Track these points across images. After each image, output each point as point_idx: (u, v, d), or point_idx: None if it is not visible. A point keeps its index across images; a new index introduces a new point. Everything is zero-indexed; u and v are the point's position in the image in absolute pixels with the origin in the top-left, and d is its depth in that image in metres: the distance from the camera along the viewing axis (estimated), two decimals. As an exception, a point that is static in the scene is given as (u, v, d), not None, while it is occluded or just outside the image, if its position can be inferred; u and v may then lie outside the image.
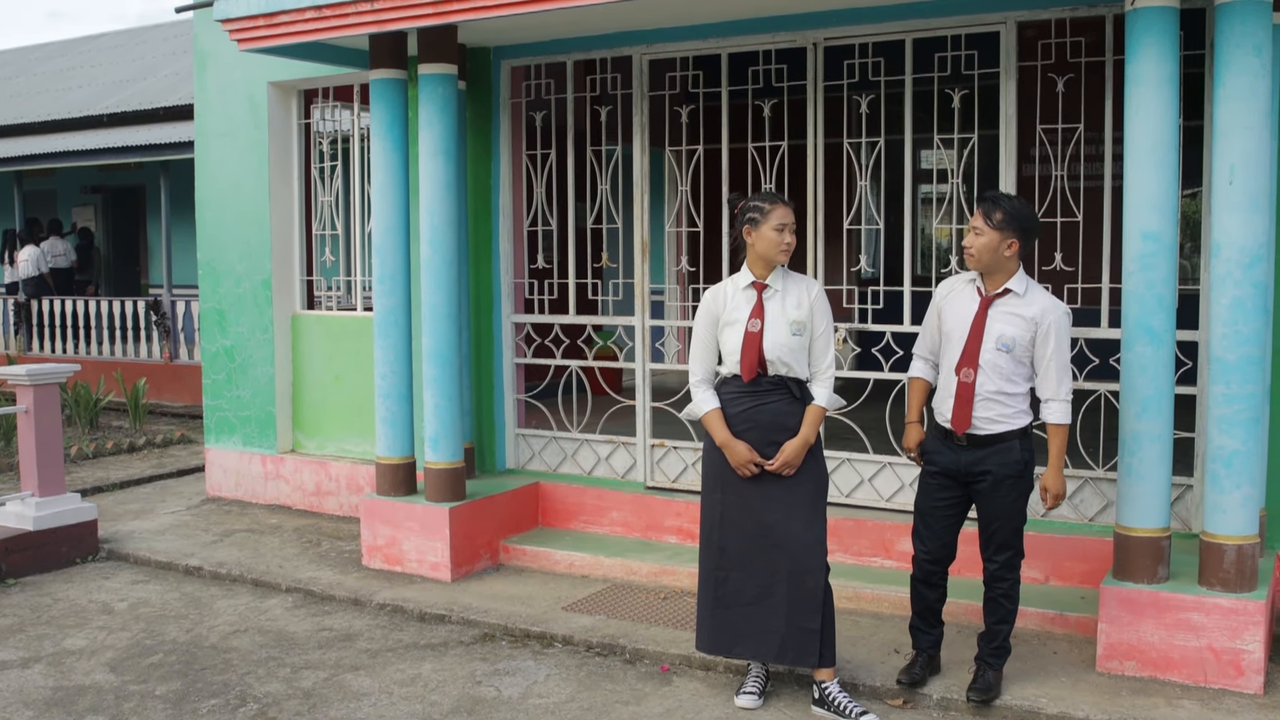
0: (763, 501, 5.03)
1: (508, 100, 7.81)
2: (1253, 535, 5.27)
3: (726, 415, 5.05)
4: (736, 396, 5.06)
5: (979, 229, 4.93)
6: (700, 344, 5.15)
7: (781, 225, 4.95)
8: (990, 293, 4.98)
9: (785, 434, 5.00)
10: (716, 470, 5.12)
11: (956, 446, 5.02)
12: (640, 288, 7.46)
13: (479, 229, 7.80)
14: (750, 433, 5.02)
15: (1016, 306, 4.95)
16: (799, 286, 5.08)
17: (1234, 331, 5.18)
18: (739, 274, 5.12)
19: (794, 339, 4.99)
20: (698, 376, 5.15)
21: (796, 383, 5.05)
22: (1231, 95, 5.12)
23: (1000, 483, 4.98)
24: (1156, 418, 5.33)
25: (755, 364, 4.99)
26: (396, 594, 6.67)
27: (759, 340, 4.98)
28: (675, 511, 7.29)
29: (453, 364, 7.04)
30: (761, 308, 5.01)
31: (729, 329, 5.05)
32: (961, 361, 4.98)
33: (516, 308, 7.97)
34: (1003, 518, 5.01)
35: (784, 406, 5.02)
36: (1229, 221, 5.16)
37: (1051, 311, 4.94)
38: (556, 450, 7.88)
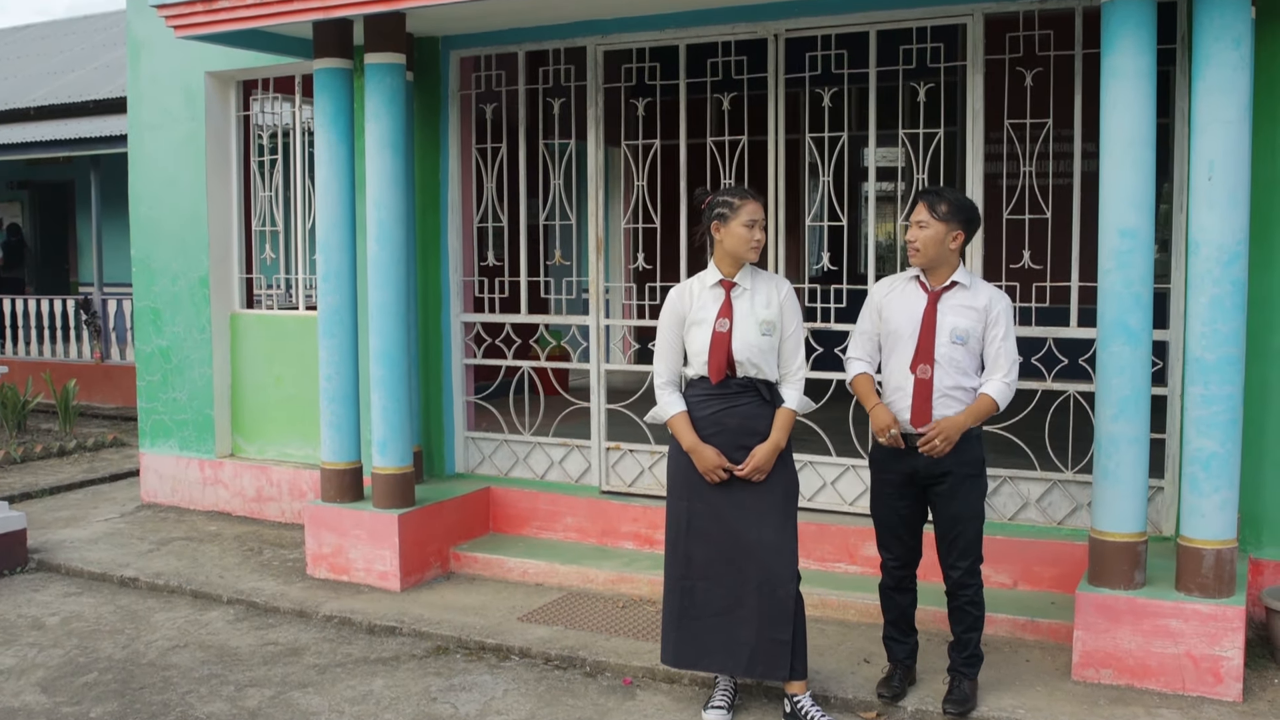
0: (732, 509, 4.83)
1: (456, 92, 7.55)
2: (1231, 539, 5.15)
3: (693, 419, 4.85)
4: (704, 399, 4.85)
5: (924, 222, 4.79)
6: (665, 344, 4.94)
7: (752, 221, 4.75)
8: (937, 287, 4.84)
9: (755, 438, 4.80)
10: (683, 476, 4.91)
11: (913, 451, 4.84)
12: (595, 286, 7.23)
13: (426, 225, 7.53)
14: (718, 437, 4.81)
15: (965, 299, 4.82)
16: (768, 285, 4.89)
17: (1212, 331, 5.06)
18: (705, 272, 4.92)
19: (764, 339, 4.80)
20: (663, 378, 4.94)
21: (766, 385, 4.85)
22: (1211, 89, 4.99)
23: (962, 482, 4.83)
24: (1134, 419, 5.20)
25: (724, 365, 4.79)
26: (344, 605, 6.39)
27: (728, 340, 4.78)
28: (632, 516, 7.08)
29: (401, 365, 6.78)
30: (730, 307, 4.81)
31: (696, 329, 4.84)
32: (917, 358, 4.81)
33: (466, 306, 7.72)
34: (966, 519, 4.85)
35: (753, 409, 4.83)
36: (1207, 218, 5.04)
37: (999, 300, 4.84)
38: (508, 454, 7.64)
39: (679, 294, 4.92)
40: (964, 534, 4.86)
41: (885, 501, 4.99)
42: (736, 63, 6.80)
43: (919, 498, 4.96)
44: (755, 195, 4.81)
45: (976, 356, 4.83)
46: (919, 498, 4.96)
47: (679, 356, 4.93)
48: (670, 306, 4.91)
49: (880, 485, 5.01)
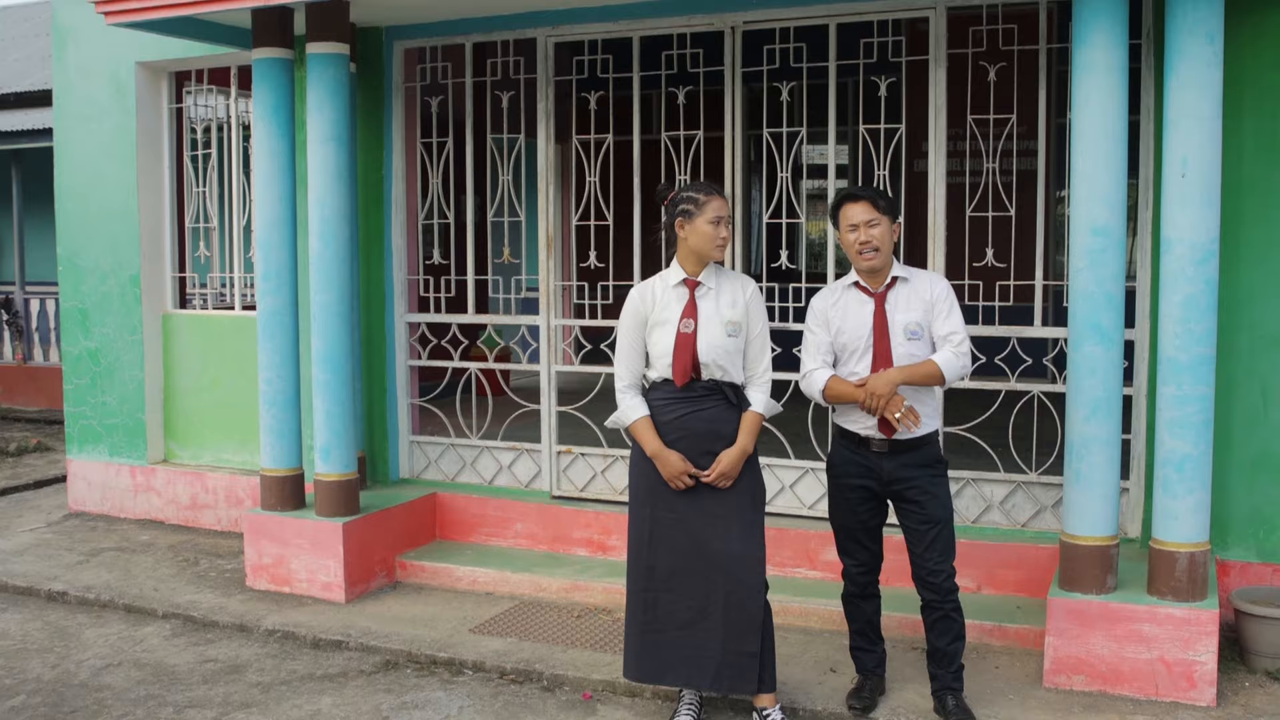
0: (697, 516, 4.65)
1: (400, 84, 7.30)
2: (1204, 542, 5.07)
3: (657, 423, 4.66)
4: (668, 403, 4.67)
5: (875, 219, 4.63)
6: (627, 346, 4.74)
7: (717, 218, 4.57)
8: (879, 288, 4.70)
9: (721, 443, 4.63)
10: (645, 483, 4.72)
11: (874, 454, 4.70)
12: (545, 285, 7.02)
13: (369, 222, 7.27)
14: (683, 442, 4.63)
15: (909, 292, 4.70)
16: (733, 284, 4.71)
17: (1186, 330, 4.97)
18: (668, 270, 4.73)
19: (729, 340, 4.63)
20: (624, 381, 4.75)
21: (732, 387, 4.68)
22: (1184, 84, 4.90)
23: (933, 484, 4.70)
24: (1106, 421, 5.10)
25: (689, 367, 4.61)
26: (287, 618, 6.12)
27: (693, 342, 4.60)
28: (584, 522, 6.88)
29: (345, 368, 6.52)
30: (694, 307, 4.63)
31: (659, 330, 4.66)
32: (875, 364, 4.66)
33: (410, 306, 7.46)
34: (943, 520, 4.70)
35: (719, 413, 4.65)
36: (1180, 216, 4.95)
37: (938, 282, 4.75)
38: (454, 458, 7.40)
39: (640, 294, 4.73)
40: (942, 535, 4.71)
41: (846, 507, 4.84)
42: (693, 56, 6.63)
43: (881, 502, 4.81)
44: (720, 191, 4.64)
45: (929, 347, 4.70)
46: (881, 502, 4.81)
47: (641, 358, 4.75)
48: (631, 307, 4.72)
49: (840, 491, 4.85)
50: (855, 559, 4.90)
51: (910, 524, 4.75)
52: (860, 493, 4.78)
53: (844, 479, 4.81)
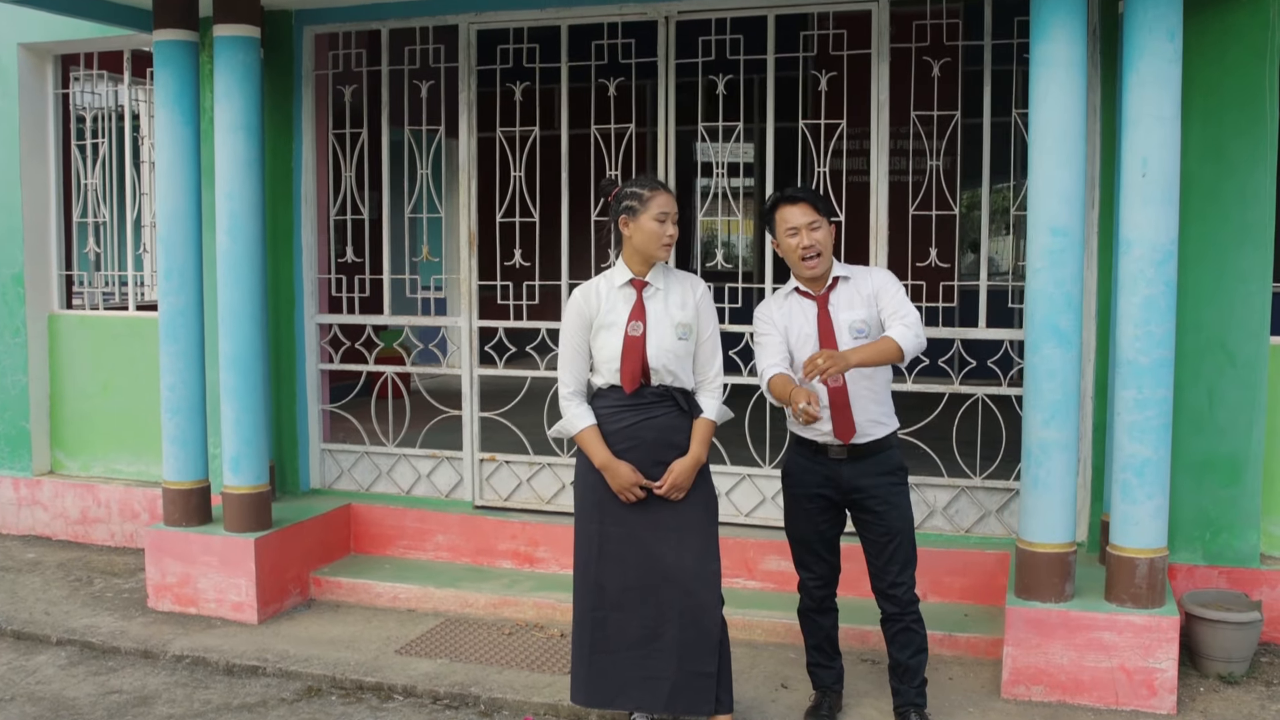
0: (649, 530, 4.39)
1: (311, 72, 6.89)
2: (1163, 547, 4.98)
3: (605, 432, 4.39)
4: (616, 410, 4.40)
5: (815, 222, 4.43)
6: (571, 351, 4.46)
7: (664, 215, 4.32)
8: (821, 290, 4.51)
9: (674, 452, 4.38)
10: (593, 496, 4.44)
11: (833, 462, 4.50)
12: (466, 285, 6.69)
13: (278, 218, 6.85)
14: (633, 452, 4.36)
15: (851, 290, 4.52)
16: (682, 284, 4.47)
17: (1146, 333, 4.87)
18: (613, 270, 4.47)
19: (680, 343, 4.38)
20: (569, 388, 4.47)
21: (683, 393, 4.43)
22: (1144, 82, 4.81)
23: (893, 492, 4.51)
24: (1065, 425, 4.97)
25: (638, 373, 4.35)
26: (196, 642, 5.69)
27: (642, 345, 4.34)
28: (510, 533, 6.56)
29: (256, 372, 6.11)
30: (643, 308, 4.38)
31: (605, 333, 4.39)
32: None
33: (321, 307, 7.05)
34: (904, 530, 4.52)
35: (670, 421, 4.40)
36: (1141, 216, 4.85)
37: (879, 273, 4.58)
38: (369, 467, 7.02)
39: (584, 295, 4.45)
40: (903, 545, 4.52)
41: (803, 518, 4.62)
42: (624, 46, 6.35)
43: (840, 511, 4.61)
44: (666, 186, 4.40)
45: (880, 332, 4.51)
46: (840, 511, 4.61)
47: (585, 364, 4.47)
48: (574, 309, 4.44)
49: (797, 501, 4.63)
50: (813, 572, 4.69)
51: (870, 535, 4.55)
52: (819, 502, 4.57)
53: (801, 488, 4.59)
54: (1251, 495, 5.56)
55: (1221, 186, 5.42)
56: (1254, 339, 5.47)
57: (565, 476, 6.65)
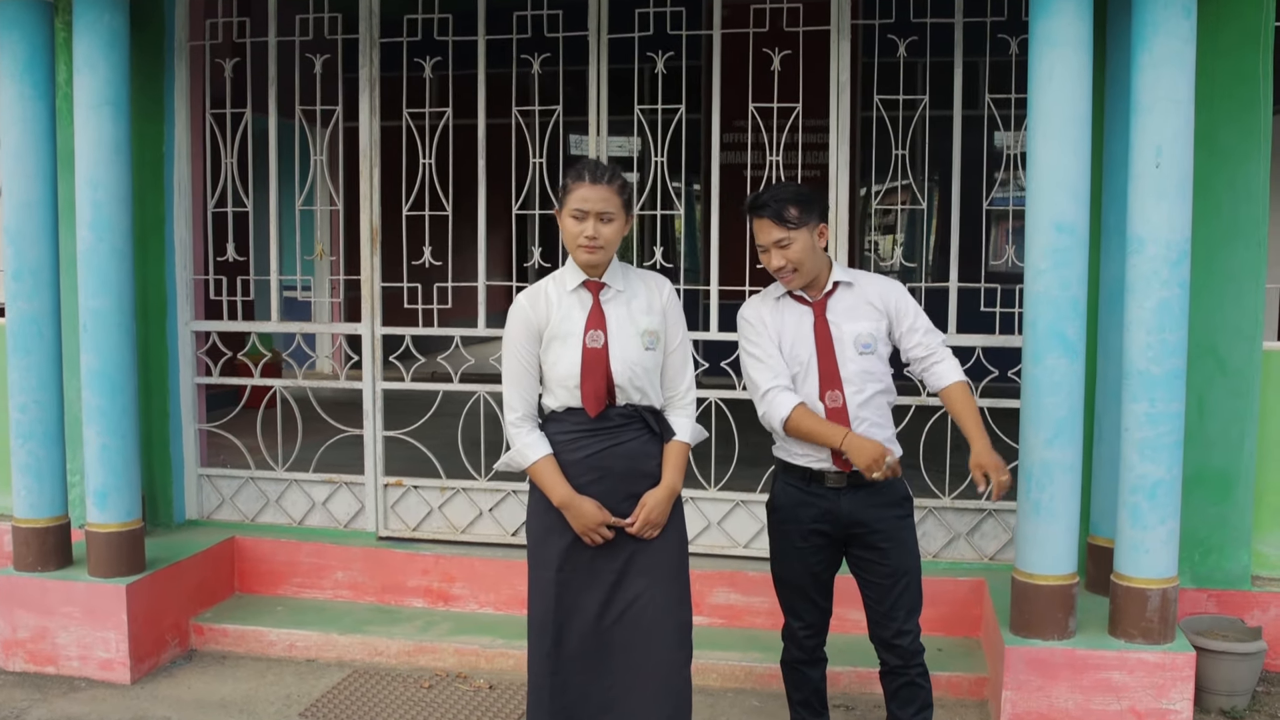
0: (615, 575, 3.71)
1: (185, 43, 5.98)
2: (1174, 576, 4.52)
3: (563, 464, 3.70)
4: (576, 437, 3.71)
5: (785, 239, 3.79)
6: (517, 368, 3.75)
7: (580, 211, 3.60)
8: (818, 295, 3.91)
9: (646, 482, 3.72)
10: (549, 538, 3.74)
11: (830, 491, 3.89)
12: (369, 286, 5.90)
13: (146, 210, 5.92)
14: (600, 484, 3.68)
15: (855, 297, 3.91)
16: (646, 286, 3.79)
17: (1160, 340, 4.39)
18: (562, 271, 3.77)
19: (647, 355, 3.71)
20: (517, 412, 3.75)
21: (652, 413, 3.76)
22: (1158, 63, 4.33)
23: (899, 527, 3.92)
24: (1070, 445, 4.47)
25: (603, 391, 3.66)
26: (57, 709, 4.80)
27: (604, 359, 3.66)
28: (421, 568, 5.80)
29: (127, 390, 5.25)
30: (601, 314, 3.69)
31: (559, 345, 3.69)
32: (823, 385, 3.85)
33: (198, 312, 6.16)
34: (912, 569, 3.93)
35: (640, 446, 3.72)
36: (1154, 211, 4.37)
37: (891, 287, 3.98)
38: (255, 494, 6.16)
39: (530, 300, 3.74)
40: (910, 587, 3.94)
41: (796, 558, 3.98)
42: (550, 18, 5.65)
43: (837, 549, 4.00)
44: (597, 173, 3.62)
45: (888, 359, 3.94)
46: (837, 549, 4.00)
47: (535, 383, 3.77)
48: (519, 318, 3.73)
49: (787, 538, 3.99)
50: (804, 620, 4.06)
51: (871, 576, 3.95)
52: (814, 540, 3.95)
53: (792, 524, 3.97)
54: (1242, 512, 5.16)
55: (1211, 178, 4.99)
56: (1245, 344, 5.08)
57: (482, 503, 5.92)
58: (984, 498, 3.95)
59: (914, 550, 3.97)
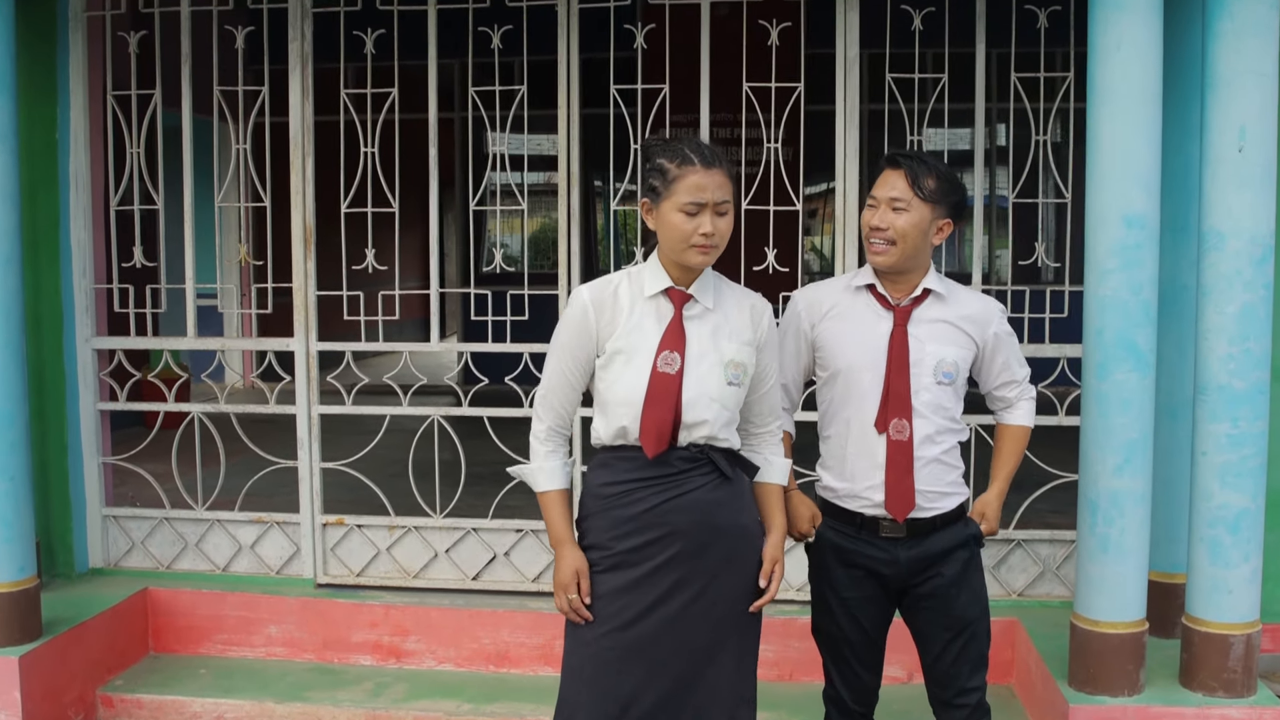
0: (674, 640, 2.98)
1: (81, 11, 5.10)
2: (1257, 620, 3.95)
3: (617, 518, 2.99)
4: (633, 486, 2.98)
5: (903, 201, 3.14)
6: (558, 376, 3.05)
7: (695, 205, 2.87)
8: (903, 300, 3.25)
9: (723, 540, 3.00)
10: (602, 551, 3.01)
11: (888, 542, 3.24)
12: (302, 295, 5.11)
13: (38, 208, 5.06)
14: (661, 545, 2.96)
15: (946, 313, 3.25)
16: (740, 307, 3.08)
17: (1243, 351, 3.83)
18: (642, 269, 3.04)
19: (729, 390, 3.00)
20: (545, 423, 3.08)
21: (726, 455, 3.06)
22: (1241, 31, 3.77)
23: (969, 571, 3.28)
24: (1141, 471, 3.91)
25: (667, 428, 2.94)
26: (-64, 817, 3.96)
27: (676, 388, 2.94)
28: (368, 619, 5.03)
29: (15, 419, 4.41)
30: (681, 333, 2.97)
31: (622, 361, 2.97)
32: (888, 411, 3.18)
33: (100, 327, 5.30)
34: (978, 620, 3.30)
35: (711, 495, 3.00)
36: (1236, 201, 3.80)
37: (992, 312, 3.31)
38: (170, 537, 5.33)
39: (594, 299, 3.00)
40: (977, 637, 3.30)
41: (845, 616, 3.31)
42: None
43: (890, 603, 3.35)
44: (709, 156, 2.91)
45: (961, 398, 3.30)
46: (890, 603, 3.35)
47: (575, 398, 3.09)
48: (575, 318, 3.00)
49: (833, 592, 3.32)
50: (853, 687, 3.40)
51: (930, 629, 3.30)
52: (863, 590, 3.29)
53: (840, 579, 3.30)
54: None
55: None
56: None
57: (438, 543, 5.18)
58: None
59: (983, 595, 3.33)
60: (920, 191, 3.15)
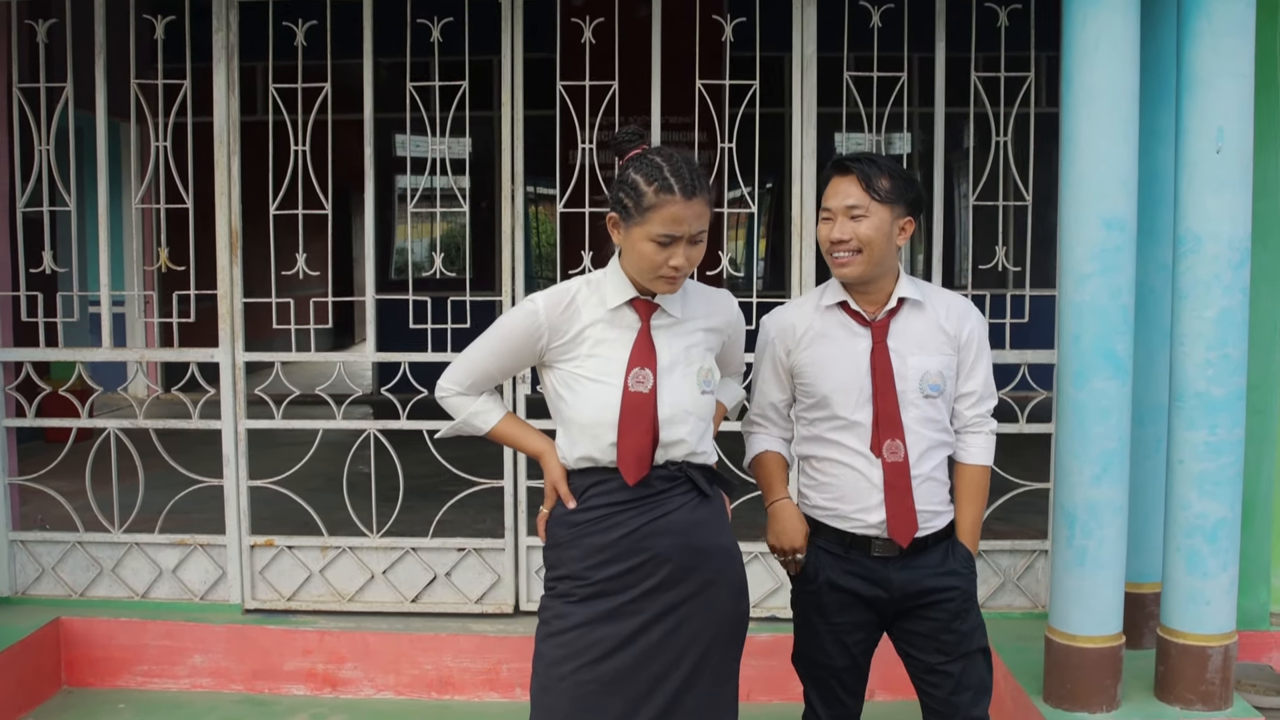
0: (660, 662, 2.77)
1: (-17, -2, 4.79)
2: (1234, 630, 3.87)
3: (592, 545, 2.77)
4: (608, 512, 2.77)
5: (861, 207, 2.96)
6: (485, 355, 2.86)
7: (667, 236, 2.64)
8: (879, 314, 3.08)
9: (709, 562, 2.81)
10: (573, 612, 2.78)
11: (876, 562, 3.07)
12: (228, 302, 4.80)
13: (-65, 210, 4.71)
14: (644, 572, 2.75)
15: (924, 321, 3.07)
16: (708, 307, 2.90)
17: (1221, 357, 3.73)
18: (604, 276, 2.82)
19: (703, 400, 2.82)
20: (461, 386, 2.90)
21: (704, 472, 2.87)
22: (1218, 31, 3.67)
23: (966, 595, 3.10)
24: (1118, 481, 3.79)
25: (647, 450, 2.74)
26: None
27: (651, 408, 2.74)
28: (301, 646, 4.75)
29: (-83, 441, 4.04)
30: (650, 347, 2.76)
31: (585, 383, 2.76)
32: (880, 433, 3.00)
33: (5, 338, 4.94)
34: (979, 648, 3.12)
35: (692, 514, 2.81)
36: (1214, 204, 3.71)
37: (968, 313, 3.12)
38: (84, 562, 4.97)
39: (550, 305, 2.77)
40: (976, 667, 3.11)
41: (832, 640, 3.11)
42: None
43: (879, 628, 3.18)
44: (690, 183, 2.64)
45: (950, 405, 3.14)
46: (879, 628, 3.18)
47: (497, 376, 2.90)
48: (524, 324, 2.79)
49: (820, 615, 3.12)
50: (836, 714, 3.23)
51: (926, 657, 3.12)
52: (853, 616, 3.11)
53: (827, 602, 3.11)
54: (1261, 544, 4.60)
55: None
56: (1263, 356, 4.49)
57: (374, 564, 4.90)
58: None
59: (982, 624, 3.17)
60: (876, 194, 2.96)
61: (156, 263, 5.15)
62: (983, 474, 3.14)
